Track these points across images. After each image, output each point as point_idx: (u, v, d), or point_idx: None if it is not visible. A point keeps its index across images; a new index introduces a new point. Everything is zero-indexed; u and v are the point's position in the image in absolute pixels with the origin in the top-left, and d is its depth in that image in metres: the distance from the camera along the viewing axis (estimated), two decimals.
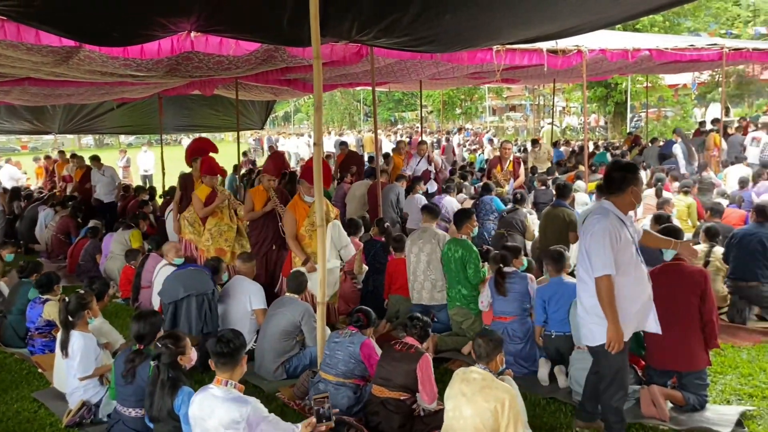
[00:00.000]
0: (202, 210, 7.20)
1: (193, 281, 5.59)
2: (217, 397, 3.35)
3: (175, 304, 5.53)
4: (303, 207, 6.21)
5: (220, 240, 7.12)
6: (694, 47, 11.55)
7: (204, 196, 7.22)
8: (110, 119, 15.46)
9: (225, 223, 7.23)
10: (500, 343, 3.71)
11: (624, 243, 3.70)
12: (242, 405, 3.31)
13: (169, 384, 3.68)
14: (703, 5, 26.29)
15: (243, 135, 30.36)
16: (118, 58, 6.31)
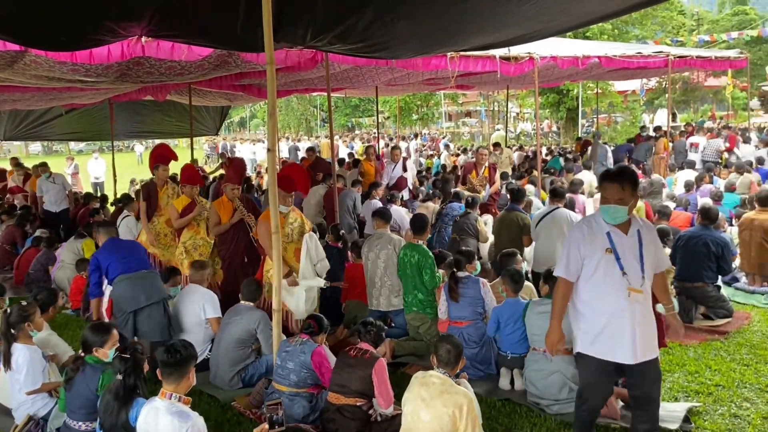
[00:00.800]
0: (177, 221, 6.84)
1: (153, 288, 5.46)
2: (160, 410, 3.28)
3: (135, 312, 5.36)
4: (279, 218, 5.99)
5: (194, 254, 6.72)
6: (641, 55, 11.92)
7: (181, 206, 6.86)
8: (59, 125, 15.03)
9: (201, 237, 6.88)
10: (459, 348, 3.77)
11: (590, 252, 3.59)
12: (184, 421, 3.22)
13: (124, 395, 3.60)
14: (650, 14, 27.12)
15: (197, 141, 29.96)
16: (66, 63, 6.16)
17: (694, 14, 47.08)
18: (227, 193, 6.48)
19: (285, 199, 5.71)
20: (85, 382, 3.91)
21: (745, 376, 4.93)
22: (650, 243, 3.61)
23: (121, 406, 3.58)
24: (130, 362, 3.65)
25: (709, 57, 14.08)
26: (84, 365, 3.98)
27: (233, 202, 6.46)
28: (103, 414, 3.65)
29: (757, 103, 29.82)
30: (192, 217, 6.81)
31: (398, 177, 11.18)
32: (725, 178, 11.59)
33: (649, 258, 3.57)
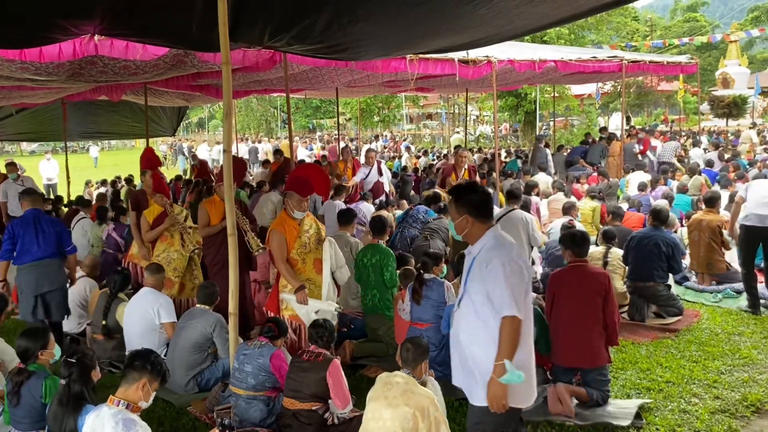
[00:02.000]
0: (148, 233, 6.45)
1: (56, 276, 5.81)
2: (106, 416, 3.19)
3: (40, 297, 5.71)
4: (292, 225, 5.16)
5: (167, 269, 6.21)
6: (597, 59, 12.16)
7: (152, 216, 6.47)
8: (9, 125, 14.58)
9: (175, 249, 6.44)
10: (426, 351, 3.83)
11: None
12: (128, 428, 3.14)
13: (72, 402, 3.51)
14: (605, 19, 27.66)
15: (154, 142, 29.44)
16: (15, 61, 5.97)
17: (648, 20, 48.34)
18: (219, 193, 6.03)
19: (300, 203, 5.15)
20: (30, 392, 3.80)
21: (694, 372, 5.08)
22: (479, 264, 3.09)
23: (68, 414, 3.48)
24: (76, 368, 3.57)
25: (661, 62, 14.45)
26: (29, 375, 3.86)
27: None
28: (51, 422, 3.56)
29: (707, 107, 30.73)
30: (164, 228, 6.42)
31: (374, 182, 10.72)
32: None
33: (472, 282, 3.12)
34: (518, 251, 3.11)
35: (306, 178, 5.22)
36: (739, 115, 30.54)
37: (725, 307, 6.73)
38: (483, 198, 3.16)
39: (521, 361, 2.99)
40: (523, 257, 3.14)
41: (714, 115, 30.97)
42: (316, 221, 5.42)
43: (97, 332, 5.84)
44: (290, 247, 5.09)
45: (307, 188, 5.16)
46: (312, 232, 5.26)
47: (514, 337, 2.94)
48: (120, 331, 5.70)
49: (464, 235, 3.20)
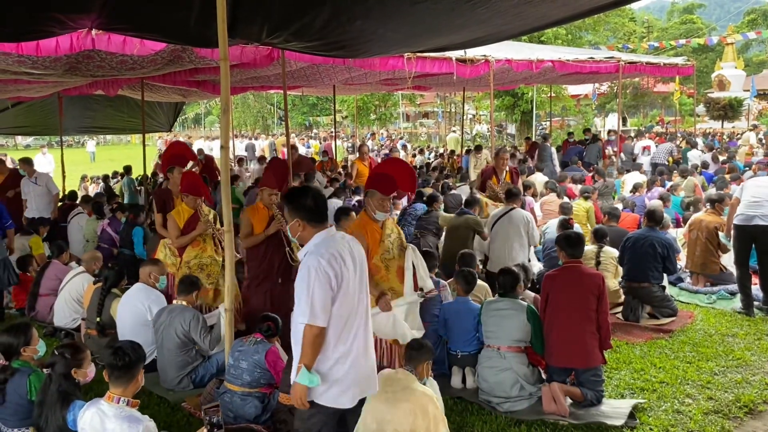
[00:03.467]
0: (178, 238, 5.92)
1: None
2: (107, 414, 3.20)
3: None
4: (374, 228, 4.65)
5: (201, 275, 5.80)
6: (593, 60, 12.20)
7: (183, 220, 5.95)
8: (4, 119, 14.49)
9: (208, 255, 5.97)
10: (430, 352, 3.93)
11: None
12: (134, 426, 3.15)
13: (60, 396, 3.50)
14: (603, 20, 27.75)
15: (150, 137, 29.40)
16: (11, 55, 5.95)
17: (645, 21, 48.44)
18: (264, 199, 5.53)
19: (383, 203, 4.58)
20: (14, 389, 3.79)
21: (688, 373, 5.09)
22: (300, 268, 3.13)
23: (54, 407, 3.48)
24: (59, 361, 3.56)
25: (658, 63, 14.49)
26: (13, 372, 3.85)
27: (270, 210, 5.50)
28: (37, 415, 3.55)
29: (702, 109, 30.82)
30: (197, 234, 5.92)
31: None
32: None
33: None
34: (334, 257, 3.06)
35: (390, 175, 4.66)
36: (735, 117, 30.62)
37: (719, 309, 6.76)
38: (314, 202, 3.17)
39: (329, 364, 3.06)
40: (340, 263, 3.07)
41: (710, 117, 31.05)
42: (397, 226, 4.93)
43: (92, 327, 5.82)
44: (372, 252, 4.52)
45: (391, 185, 4.58)
46: (394, 236, 4.76)
47: (311, 343, 2.99)
48: (114, 327, 5.68)
49: (298, 238, 3.24)
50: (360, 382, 3.15)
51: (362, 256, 3.29)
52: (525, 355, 4.68)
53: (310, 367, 3.01)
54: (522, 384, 4.54)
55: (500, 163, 8.81)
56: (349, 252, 3.16)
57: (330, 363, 3.07)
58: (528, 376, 4.60)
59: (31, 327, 4.07)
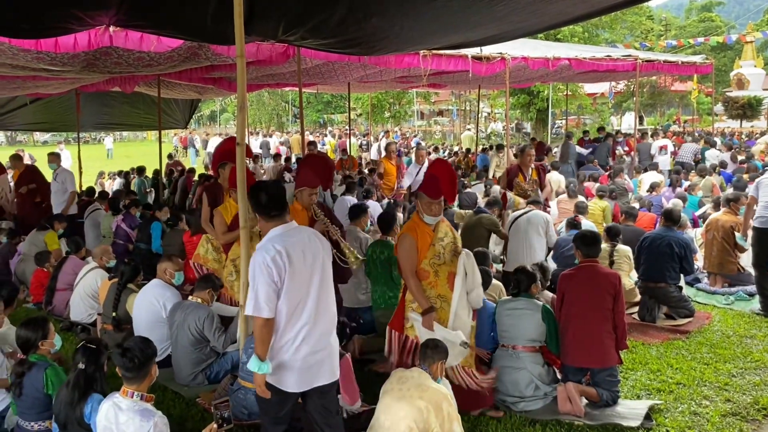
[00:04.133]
0: (225, 235, 5.69)
1: None
2: (122, 408, 3.22)
3: None
4: (425, 231, 4.42)
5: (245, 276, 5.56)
6: (611, 58, 12.10)
7: (230, 215, 5.68)
8: (23, 115, 14.68)
9: None
10: (445, 352, 3.91)
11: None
12: (147, 419, 3.16)
13: (80, 389, 3.53)
14: (620, 18, 27.52)
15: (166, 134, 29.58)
16: (30, 51, 6.01)
17: (662, 19, 48.01)
18: (303, 199, 5.12)
19: (431, 206, 4.39)
20: (32, 382, 3.83)
21: (705, 374, 5.04)
22: None
23: (78, 400, 3.51)
24: (93, 354, 3.59)
25: (675, 62, 14.36)
26: (30, 366, 3.89)
27: (309, 210, 5.13)
28: (58, 408, 3.58)
29: (720, 108, 30.48)
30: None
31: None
32: None
33: None
34: (280, 253, 3.17)
35: (437, 177, 4.42)
36: (754, 116, 30.27)
37: (737, 310, 6.68)
38: (268, 196, 3.27)
39: (275, 350, 3.26)
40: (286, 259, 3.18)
41: (728, 116, 30.70)
42: (452, 229, 4.63)
43: (108, 322, 5.86)
44: (421, 256, 4.37)
45: (437, 189, 4.36)
46: (447, 240, 4.47)
47: (258, 333, 3.20)
48: (130, 322, 5.72)
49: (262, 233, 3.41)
50: (307, 370, 3.29)
51: (323, 251, 3.39)
52: (540, 355, 4.65)
53: (261, 356, 3.19)
54: (537, 384, 4.51)
55: (526, 160, 8.33)
56: (305, 246, 3.29)
57: (276, 348, 3.26)
58: (543, 375, 4.57)
59: (48, 321, 4.11)
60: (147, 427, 3.15)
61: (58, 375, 3.87)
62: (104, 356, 3.73)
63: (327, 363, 3.37)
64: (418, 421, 3.45)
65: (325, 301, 3.36)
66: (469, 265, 4.42)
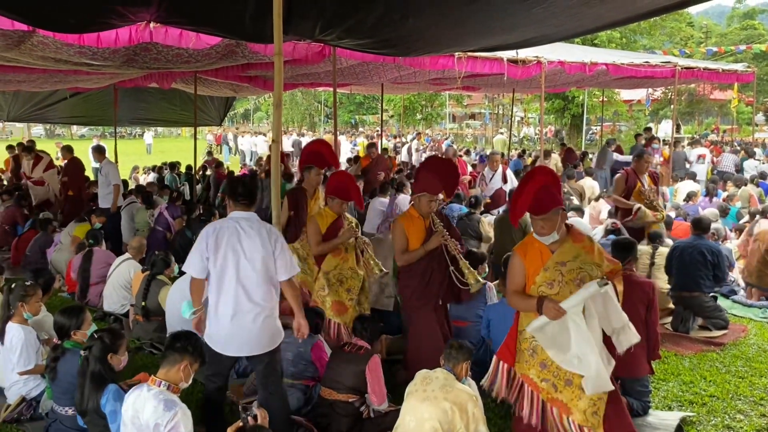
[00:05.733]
0: (319, 245, 5.24)
1: None
2: (148, 396, 3.26)
3: None
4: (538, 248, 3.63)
5: (340, 290, 5.20)
6: (649, 64, 11.90)
7: (326, 224, 5.26)
8: (62, 109, 15.02)
9: (349, 267, 5.26)
10: (470, 352, 3.92)
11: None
12: (169, 409, 3.19)
13: (95, 378, 3.60)
14: (659, 24, 27.10)
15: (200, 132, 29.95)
16: (73, 46, 6.14)
17: (703, 26, 47.09)
18: (421, 207, 4.68)
19: (543, 224, 3.54)
20: (66, 368, 3.92)
21: (740, 388, 4.93)
22: None
23: (93, 391, 3.57)
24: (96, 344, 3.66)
25: (716, 69, 14.06)
26: (63, 351, 3.98)
27: (427, 219, 4.68)
28: (77, 398, 3.65)
29: (762, 118, 29.79)
30: (338, 243, 5.24)
31: (497, 189, 9.58)
32: None
33: None
34: (220, 230, 3.76)
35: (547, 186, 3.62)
36: None
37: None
38: (243, 188, 3.86)
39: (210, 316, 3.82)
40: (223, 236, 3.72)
41: None
42: (590, 247, 3.60)
43: (139, 313, 5.96)
44: (529, 280, 3.64)
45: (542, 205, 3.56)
46: (576, 265, 3.53)
47: (191, 286, 3.86)
48: (160, 313, 5.81)
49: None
50: (231, 338, 3.78)
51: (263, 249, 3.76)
52: None
53: (193, 304, 3.85)
54: None
55: (642, 167, 7.56)
56: (245, 235, 3.75)
57: (215, 316, 3.79)
58: None
59: (84, 311, 4.19)
60: (168, 416, 3.17)
61: None
62: (118, 345, 3.78)
63: (252, 337, 3.78)
64: (443, 422, 3.44)
65: (253, 284, 3.75)
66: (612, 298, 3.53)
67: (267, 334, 3.82)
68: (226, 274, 3.71)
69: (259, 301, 3.77)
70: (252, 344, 3.79)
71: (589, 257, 3.54)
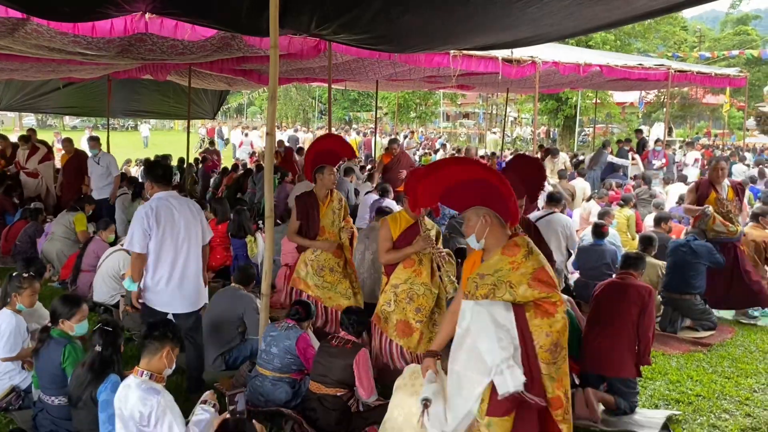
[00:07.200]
0: (389, 253, 4.60)
1: None
2: (131, 386, 3.28)
3: None
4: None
5: (408, 308, 4.56)
6: (643, 66, 11.98)
7: (399, 229, 4.64)
8: (55, 98, 14.87)
9: (421, 282, 4.59)
10: None
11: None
12: (151, 396, 3.21)
13: (95, 371, 3.59)
14: (653, 28, 27.21)
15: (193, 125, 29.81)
16: (68, 34, 6.11)
17: (697, 31, 47.34)
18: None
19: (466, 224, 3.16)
20: (49, 356, 3.92)
21: (726, 388, 4.97)
22: None
23: (93, 380, 3.57)
24: (110, 336, 3.65)
25: (709, 73, 14.16)
26: (49, 338, 3.98)
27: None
28: (74, 385, 3.64)
29: (752, 123, 29.95)
30: (412, 252, 4.58)
31: None
32: None
33: None
34: (152, 209, 4.33)
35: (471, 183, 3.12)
36: None
37: (762, 325, 6.58)
38: (162, 170, 4.57)
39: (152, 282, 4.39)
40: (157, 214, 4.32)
41: (760, 131, 30.17)
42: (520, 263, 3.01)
43: (129, 304, 5.94)
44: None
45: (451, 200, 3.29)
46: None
47: (133, 262, 4.41)
48: None
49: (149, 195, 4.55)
50: (176, 299, 4.44)
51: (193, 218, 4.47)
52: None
53: (134, 278, 4.38)
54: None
55: (717, 175, 6.92)
56: (176, 210, 4.41)
57: (153, 281, 4.39)
58: None
59: (82, 305, 4.12)
60: (150, 405, 3.19)
61: (77, 353, 3.94)
62: (121, 338, 3.78)
63: (186, 297, 4.48)
64: None
65: (186, 252, 4.43)
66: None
67: (201, 293, 4.59)
68: (167, 244, 4.35)
69: (194, 264, 4.48)
70: (190, 302, 4.50)
71: (510, 275, 2.98)
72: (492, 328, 2.93)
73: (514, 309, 2.96)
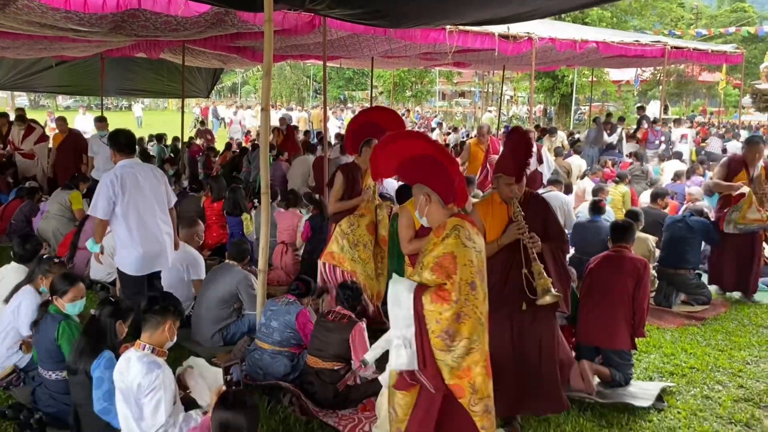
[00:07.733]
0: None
1: None
2: (132, 359, 3.29)
3: None
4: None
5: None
6: (639, 43, 11.91)
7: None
8: (48, 77, 14.73)
9: None
10: None
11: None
12: (152, 370, 3.22)
13: (97, 337, 3.59)
14: (650, 4, 27.05)
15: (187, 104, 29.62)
16: (59, 10, 6.03)
17: (693, 8, 47.08)
18: (501, 190, 3.78)
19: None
20: (46, 331, 3.95)
21: (719, 360, 5.03)
22: None
23: (87, 349, 3.57)
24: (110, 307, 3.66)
25: (705, 50, 14.10)
26: (47, 314, 4.02)
27: (510, 206, 3.75)
28: (73, 355, 3.65)
29: (748, 101, 29.90)
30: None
31: (532, 171, 8.78)
32: None
33: None
34: (117, 177, 4.64)
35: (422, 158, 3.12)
36: None
37: (756, 300, 6.62)
38: (125, 139, 4.81)
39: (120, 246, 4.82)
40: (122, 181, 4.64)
41: (755, 108, 30.09)
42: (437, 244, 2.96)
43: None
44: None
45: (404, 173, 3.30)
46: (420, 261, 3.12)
47: (96, 227, 4.79)
48: None
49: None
50: (140, 261, 4.78)
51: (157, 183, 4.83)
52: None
53: (96, 240, 4.82)
54: None
55: (754, 157, 6.49)
56: (141, 176, 4.74)
57: (123, 244, 4.75)
58: None
59: (77, 284, 4.07)
60: (150, 377, 3.21)
61: (71, 330, 3.93)
62: (120, 312, 3.77)
63: (158, 258, 4.86)
64: None
65: (152, 215, 4.77)
66: None
67: (171, 251, 4.96)
68: (134, 209, 4.64)
69: (163, 226, 4.83)
70: (161, 261, 4.90)
71: (426, 256, 2.96)
72: (395, 308, 2.95)
73: (416, 290, 2.91)
